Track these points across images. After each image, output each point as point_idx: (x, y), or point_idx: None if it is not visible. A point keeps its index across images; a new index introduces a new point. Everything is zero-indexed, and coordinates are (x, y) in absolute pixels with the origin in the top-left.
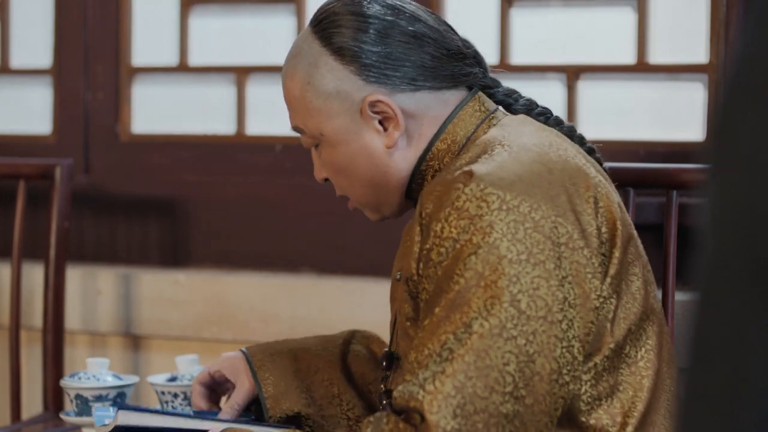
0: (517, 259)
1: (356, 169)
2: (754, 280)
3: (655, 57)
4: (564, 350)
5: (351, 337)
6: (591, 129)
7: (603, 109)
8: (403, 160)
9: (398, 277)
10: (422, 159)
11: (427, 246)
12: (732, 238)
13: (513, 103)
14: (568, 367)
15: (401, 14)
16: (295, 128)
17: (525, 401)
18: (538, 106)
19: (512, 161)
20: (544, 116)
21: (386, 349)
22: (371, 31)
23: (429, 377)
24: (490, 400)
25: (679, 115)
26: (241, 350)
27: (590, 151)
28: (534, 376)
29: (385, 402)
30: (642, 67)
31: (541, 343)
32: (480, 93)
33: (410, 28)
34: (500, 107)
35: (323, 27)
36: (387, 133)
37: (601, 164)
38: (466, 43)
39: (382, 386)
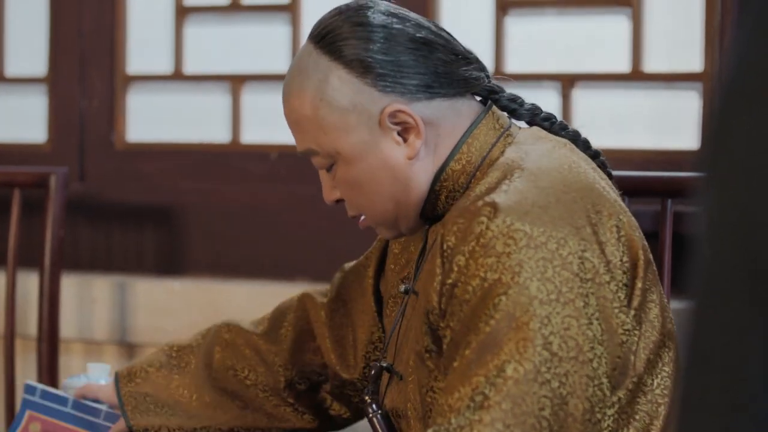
0: (547, 300)
1: (377, 184)
2: (752, 283)
3: (650, 65)
4: (595, 389)
5: (211, 345)
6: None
7: (598, 118)
8: (423, 172)
9: (402, 289)
10: (436, 178)
11: (450, 281)
12: (729, 241)
13: (518, 108)
14: (600, 405)
15: (406, 22)
16: (306, 151)
17: None
18: (542, 111)
19: (534, 190)
20: (549, 122)
21: (377, 363)
22: (381, 40)
23: (465, 425)
24: None
25: (674, 123)
26: (115, 381)
27: (594, 156)
28: (567, 417)
29: (371, 414)
30: (637, 76)
31: (573, 384)
32: (494, 108)
33: (418, 35)
34: (513, 121)
35: (329, 41)
36: (408, 144)
37: (605, 168)
38: (467, 49)
39: (367, 398)
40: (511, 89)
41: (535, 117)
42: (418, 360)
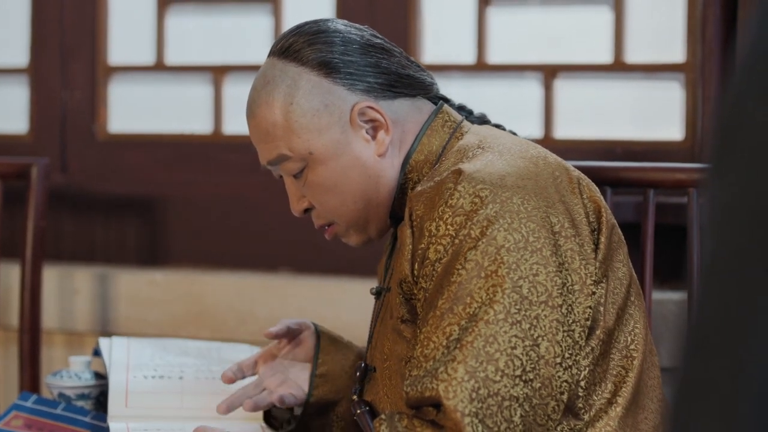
0: (515, 248)
1: (348, 183)
2: (765, 268)
3: (632, 56)
4: (565, 334)
5: None
6: (568, 128)
7: (580, 108)
8: (391, 168)
9: (374, 291)
10: (402, 172)
11: (422, 246)
12: (741, 231)
13: (467, 116)
14: (570, 351)
15: (363, 30)
16: (276, 158)
17: (533, 384)
18: (491, 120)
19: (497, 159)
20: (499, 128)
21: (360, 363)
22: (341, 43)
23: (440, 367)
24: (501, 383)
25: (656, 114)
26: (315, 329)
27: None
28: (540, 359)
29: (359, 411)
30: (619, 66)
31: (544, 328)
32: (445, 105)
33: (375, 40)
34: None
35: (293, 50)
36: (377, 141)
37: None
38: (416, 61)
39: (354, 397)
40: (493, 80)
41: (485, 124)
42: (395, 336)
